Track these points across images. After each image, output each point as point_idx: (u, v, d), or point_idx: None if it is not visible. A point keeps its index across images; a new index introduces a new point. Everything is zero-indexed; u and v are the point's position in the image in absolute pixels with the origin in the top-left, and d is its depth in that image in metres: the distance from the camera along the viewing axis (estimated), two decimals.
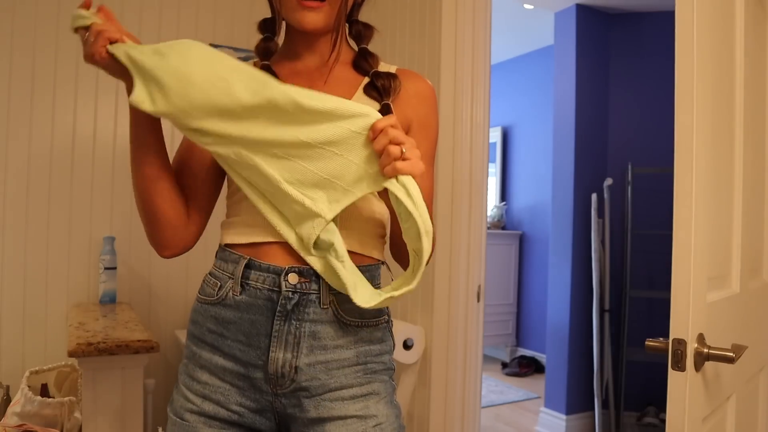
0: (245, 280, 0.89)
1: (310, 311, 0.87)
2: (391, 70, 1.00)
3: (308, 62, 0.99)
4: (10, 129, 2.02)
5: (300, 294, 0.87)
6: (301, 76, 0.97)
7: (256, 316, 0.87)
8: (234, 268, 0.91)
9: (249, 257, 0.89)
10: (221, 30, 2.35)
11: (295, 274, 0.87)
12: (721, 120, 1.08)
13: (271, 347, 0.87)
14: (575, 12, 3.30)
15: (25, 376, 1.75)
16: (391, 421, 0.89)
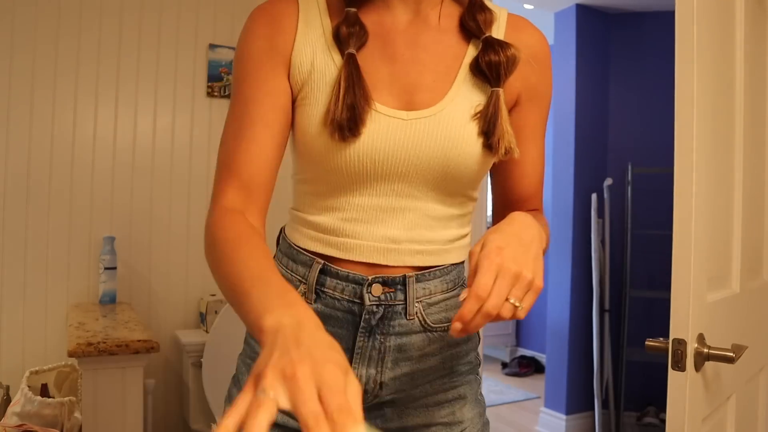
0: (320, 287, 0.78)
1: (395, 324, 0.78)
2: (502, 18, 0.81)
3: (399, 12, 0.78)
4: (10, 129, 2.02)
5: (385, 306, 0.77)
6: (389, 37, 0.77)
7: (335, 329, 0.78)
8: (306, 272, 0.78)
9: (324, 261, 0.77)
10: (221, 30, 2.35)
11: (379, 285, 0.76)
12: (721, 120, 1.08)
13: (353, 363, 0.78)
14: (575, 12, 3.30)
15: (25, 376, 1.75)
16: (476, 422, 0.83)
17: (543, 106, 0.84)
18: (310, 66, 0.75)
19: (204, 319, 2.17)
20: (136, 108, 2.21)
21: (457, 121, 0.74)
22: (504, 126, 0.75)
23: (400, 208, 0.77)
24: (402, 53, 0.76)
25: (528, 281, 0.62)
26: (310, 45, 0.75)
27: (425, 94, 0.75)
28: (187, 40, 2.29)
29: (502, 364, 4.83)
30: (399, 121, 0.73)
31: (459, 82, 0.76)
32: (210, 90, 2.32)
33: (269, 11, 0.77)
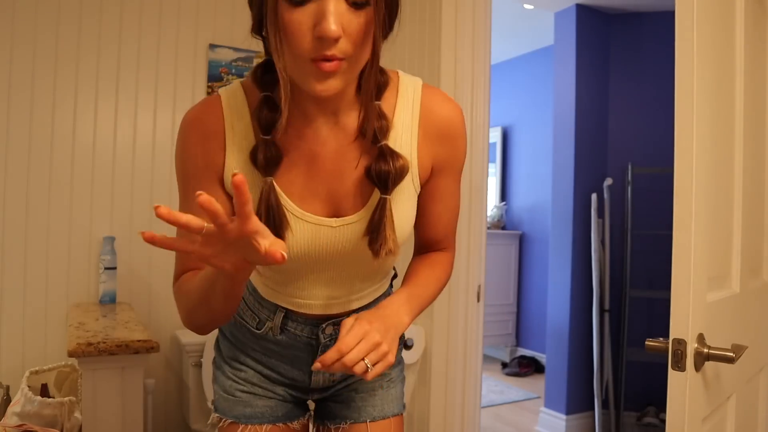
0: (284, 326, 0.97)
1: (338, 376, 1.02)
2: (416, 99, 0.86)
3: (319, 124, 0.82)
4: (10, 129, 2.02)
5: (335, 338, 0.97)
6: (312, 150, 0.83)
7: (297, 353, 0.99)
8: (271, 315, 0.97)
9: (286, 309, 0.96)
10: (221, 30, 2.35)
11: (331, 325, 0.97)
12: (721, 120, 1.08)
13: (313, 373, 1.01)
14: (575, 12, 3.30)
15: (25, 376, 1.75)
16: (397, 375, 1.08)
17: (454, 170, 0.92)
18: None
19: None
20: (136, 108, 2.21)
21: None
22: (387, 232, 0.82)
23: (335, 277, 0.92)
24: (326, 166, 0.84)
25: (384, 352, 0.77)
26: (237, 163, 0.82)
27: (349, 201, 0.85)
28: (187, 40, 2.29)
29: (502, 364, 4.83)
30: (328, 229, 0.85)
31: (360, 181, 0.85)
32: (210, 90, 2.32)
33: (200, 129, 0.83)
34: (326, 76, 0.71)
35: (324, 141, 0.83)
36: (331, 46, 0.69)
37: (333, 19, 0.67)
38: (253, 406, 1.00)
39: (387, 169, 0.80)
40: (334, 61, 0.70)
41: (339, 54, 0.70)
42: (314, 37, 0.69)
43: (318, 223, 0.84)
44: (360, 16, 0.70)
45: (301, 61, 0.71)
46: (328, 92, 0.72)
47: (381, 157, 0.80)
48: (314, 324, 0.97)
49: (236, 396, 1.00)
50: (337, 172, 0.84)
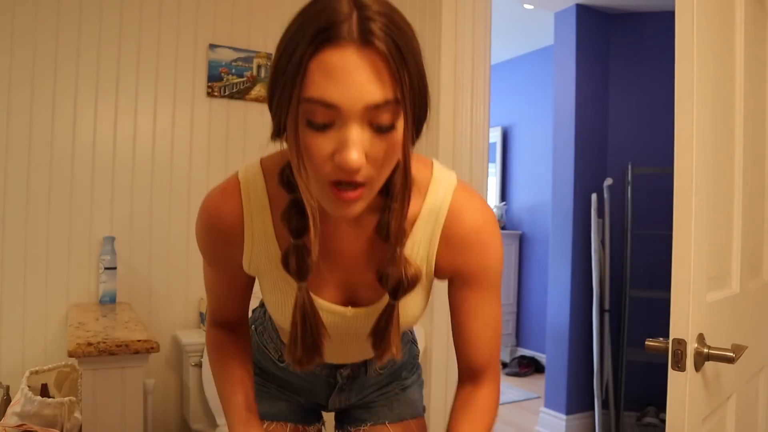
0: None
1: (359, 380, 1.06)
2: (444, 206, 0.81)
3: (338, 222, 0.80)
4: (10, 129, 2.02)
5: (352, 377, 1.04)
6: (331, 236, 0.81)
7: (315, 387, 1.05)
8: None
9: None
10: (221, 30, 2.35)
11: (349, 368, 1.03)
12: (721, 120, 1.08)
13: (330, 401, 1.07)
14: (575, 12, 3.30)
15: (25, 376, 1.74)
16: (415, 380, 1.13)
17: (482, 283, 0.85)
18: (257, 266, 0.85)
19: (204, 319, 2.18)
20: (136, 108, 2.21)
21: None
22: (392, 338, 0.79)
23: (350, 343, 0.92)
24: (345, 260, 0.83)
25: None
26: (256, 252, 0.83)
27: (366, 293, 0.84)
28: (187, 40, 2.29)
29: (502, 364, 4.83)
30: (343, 318, 0.86)
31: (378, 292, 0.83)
32: (210, 90, 2.32)
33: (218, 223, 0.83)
34: (348, 203, 0.68)
35: (343, 237, 0.82)
36: (352, 175, 0.65)
37: (355, 149, 0.63)
38: (273, 406, 1.06)
39: (397, 276, 0.76)
40: (357, 189, 0.67)
41: (361, 179, 0.66)
42: (335, 164, 0.65)
43: (333, 312, 0.85)
44: (385, 140, 0.66)
45: (322, 184, 0.67)
46: (350, 216, 0.70)
47: (391, 262, 0.76)
48: (333, 367, 1.02)
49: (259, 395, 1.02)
50: (353, 266, 0.83)
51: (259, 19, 2.41)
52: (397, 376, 1.10)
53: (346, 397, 1.07)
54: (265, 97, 2.40)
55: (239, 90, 2.36)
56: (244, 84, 2.37)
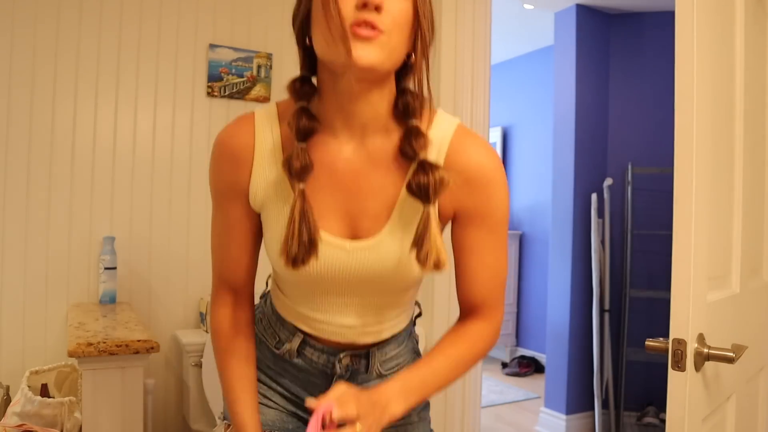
0: (301, 350, 0.96)
1: (359, 378, 0.98)
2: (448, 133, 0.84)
3: (345, 140, 0.83)
4: (10, 129, 2.02)
5: (352, 370, 0.97)
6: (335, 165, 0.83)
7: (312, 378, 0.99)
8: (290, 337, 0.97)
9: (304, 335, 0.95)
10: (221, 30, 2.35)
11: (348, 356, 0.96)
12: (721, 120, 1.08)
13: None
14: (575, 12, 3.30)
15: (25, 376, 1.75)
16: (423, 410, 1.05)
17: (485, 224, 0.86)
18: (264, 196, 0.86)
19: (204, 319, 2.17)
20: (136, 108, 2.21)
21: (393, 248, 0.84)
22: (432, 241, 0.80)
23: (351, 303, 0.91)
24: (347, 184, 0.84)
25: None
26: (264, 178, 0.85)
27: (367, 223, 0.84)
28: (187, 40, 2.29)
29: (502, 364, 4.83)
30: (342, 251, 0.85)
31: (399, 206, 0.83)
32: (210, 90, 2.32)
33: (229, 147, 0.87)
34: (363, 40, 0.72)
35: (347, 158, 0.83)
36: (371, 13, 0.72)
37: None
38: (264, 414, 0.99)
39: (426, 181, 0.78)
40: (374, 30, 0.72)
41: (379, 24, 0.72)
42: (356, 6, 0.72)
43: (333, 244, 0.84)
44: (403, 2, 0.75)
45: (339, 31, 0.72)
46: (363, 59, 0.72)
47: (420, 170, 0.79)
48: (331, 353, 0.96)
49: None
50: (357, 191, 0.84)
51: (259, 19, 2.41)
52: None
53: None
54: (265, 97, 2.40)
55: (239, 90, 2.36)
56: (244, 84, 2.37)
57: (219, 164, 0.88)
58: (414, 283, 0.92)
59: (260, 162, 0.85)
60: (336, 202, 0.84)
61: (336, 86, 0.79)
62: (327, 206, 0.84)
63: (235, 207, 0.89)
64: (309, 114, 0.81)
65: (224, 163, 0.87)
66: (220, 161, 0.88)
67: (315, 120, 0.81)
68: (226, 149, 0.87)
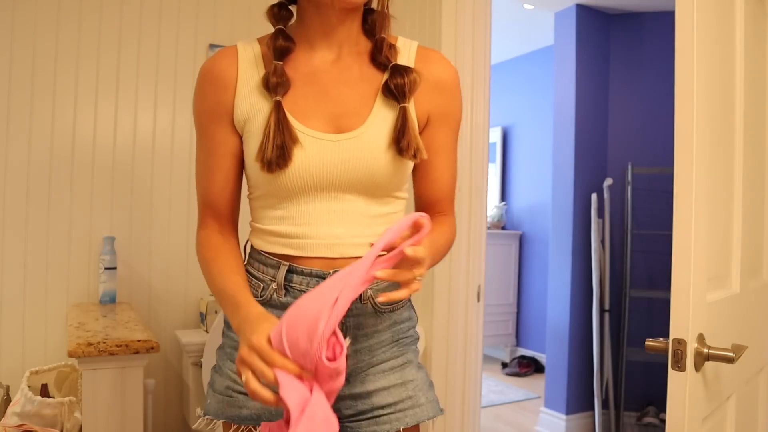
0: (288, 283, 0.94)
1: (352, 307, 0.95)
2: (412, 49, 0.98)
3: (324, 55, 0.95)
4: (10, 129, 2.02)
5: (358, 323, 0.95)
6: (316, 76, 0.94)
7: None
8: (275, 273, 0.95)
9: (289, 263, 0.94)
10: (221, 30, 2.35)
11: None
12: (721, 120, 1.08)
13: None
14: (575, 12, 3.30)
15: (25, 376, 1.75)
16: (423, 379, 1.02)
17: (451, 124, 1.00)
18: (248, 111, 0.92)
19: (204, 318, 2.17)
20: (136, 108, 2.21)
21: (376, 139, 0.91)
22: (411, 133, 0.91)
23: (338, 210, 0.93)
24: (329, 87, 0.94)
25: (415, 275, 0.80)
26: (248, 94, 0.93)
27: (350, 119, 0.92)
28: (187, 40, 2.29)
29: (502, 364, 4.83)
30: (328, 143, 0.90)
31: (377, 106, 0.93)
32: None
33: (213, 71, 0.94)
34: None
35: (326, 69, 0.94)
36: None
37: None
38: (249, 408, 0.96)
39: (402, 81, 0.91)
40: None
41: None
42: None
43: (318, 137, 0.90)
44: None
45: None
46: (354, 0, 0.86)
47: (395, 72, 0.92)
48: (320, 276, 0.93)
49: (231, 396, 0.97)
50: (337, 96, 0.93)
51: (259, 19, 2.41)
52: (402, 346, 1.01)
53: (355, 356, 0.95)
54: None
55: None
56: None
57: (203, 89, 0.95)
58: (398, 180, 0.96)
59: (243, 82, 0.93)
60: (319, 105, 0.92)
61: (317, 13, 0.92)
62: (311, 109, 0.92)
63: (218, 129, 0.94)
64: (285, 35, 0.92)
65: (208, 87, 0.94)
66: (205, 86, 0.94)
67: (291, 40, 0.92)
68: (210, 73, 0.94)
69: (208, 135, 0.96)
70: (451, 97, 0.99)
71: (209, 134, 0.95)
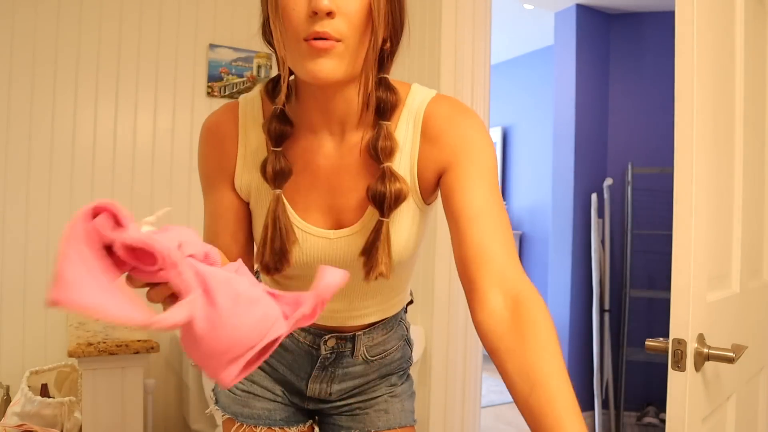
0: None
1: (344, 362, 0.98)
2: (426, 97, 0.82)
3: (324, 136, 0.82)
4: (10, 129, 2.02)
5: (337, 353, 0.97)
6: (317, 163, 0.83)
7: (297, 359, 0.98)
8: None
9: None
10: (221, 30, 2.35)
11: (334, 338, 0.96)
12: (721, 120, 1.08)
13: (310, 381, 0.99)
14: (575, 12, 3.30)
15: (25, 376, 1.75)
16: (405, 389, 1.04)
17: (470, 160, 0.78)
18: (248, 188, 0.86)
19: None
20: (136, 108, 2.21)
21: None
22: (380, 255, 0.79)
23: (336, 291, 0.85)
24: (330, 176, 0.83)
25: None
26: (248, 170, 0.85)
27: (348, 214, 0.84)
28: (187, 40, 2.29)
29: None
30: (326, 240, 0.85)
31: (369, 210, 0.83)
32: (210, 90, 2.32)
33: (215, 133, 0.87)
34: (319, 54, 0.69)
35: (328, 155, 0.83)
36: (323, 23, 0.68)
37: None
38: (250, 407, 0.99)
39: (383, 191, 0.77)
40: (328, 41, 0.69)
41: (333, 33, 0.69)
42: (308, 16, 0.68)
43: (317, 234, 0.84)
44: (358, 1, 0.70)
45: (295, 42, 0.70)
46: (322, 73, 0.70)
47: (380, 179, 0.78)
48: (317, 334, 0.95)
49: (236, 394, 1.00)
50: (338, 187, 0.83)
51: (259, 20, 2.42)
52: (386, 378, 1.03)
53: (328, 381, 0.98)
54: None
55: (239, 90, 2.36)
56: (244, 84, 2.37)
57: (206, 150, 0.88)
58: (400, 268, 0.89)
59: (243, 153, 0.85)
60: (319, 197, 0.84)
61: (310, 87, 0.79)
62: (311, 201, 0.85)
63: (224, 194, 0.87)
64: (283, 117, 0.80)
65: (211, 149, 0.87)
66: (207, 147, 0.88)
67: (288, 123, 0.80)
68: (212, 137, 0.87)
69: (214, 198, 0.89)
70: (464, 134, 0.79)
71: (215, 198, 0.89)
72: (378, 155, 0.78)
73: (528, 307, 0.65)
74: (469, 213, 0.74)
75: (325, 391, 1.00)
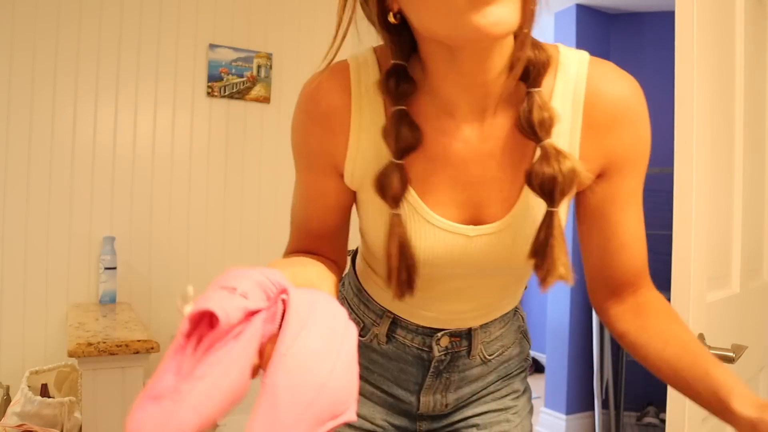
0: (391, 333, 0.82)
1: (459, 364, 0.83)
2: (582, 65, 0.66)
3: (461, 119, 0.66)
4: (10, 129, 2.02)
5: (452, 353, 0.82)
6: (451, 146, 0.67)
7: (406, 366, 0.83)
8: (377, 319, 0.83)
9: (394, 315, 0.81)
10: (221, 30, 2.35)
11: (447, 336, 0.81)
12: (720, 120, 1.08)
13: (422, 393, 0.84)
14: (575, 12, 3.30)
15: (25, 376, 1.75)
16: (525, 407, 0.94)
17: (638, 168, 0.69)
18: (361, 179, 0.69)
19: None
20: (136, 108, 2.21)
21: (518, 237, 0.69)
22: (556, 254, 0.66)
23: (462, 288, 0.76)
24: (468, 167, 0.67)
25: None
26: (362, 155, 0.68)
27: (491, 208, 0.69)
28: (187, 40, 2.29)
29: None
30: (464, 238, 0.69)
31: (527, 191, 0.67)
32: (210, 90, 2.32)
33: (321, 109, 0.68)
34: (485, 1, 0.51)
35: (466, 138, 0.66)
36: None
37: None
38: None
39: (552, 174, 0.61)
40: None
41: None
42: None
43: (453, 231, 0.69)
44: None
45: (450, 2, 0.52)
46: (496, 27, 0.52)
47: (543, 160, 0.62)
48: (427, 333, 0.80)
49: None
50: (479, 175, 0.68)
51: (259, 19, 2.41)
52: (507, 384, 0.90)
53: (443, 390, 0.83)
54: (265, 97, 2.40)
55: (239, 90, 2.36)
56: (244, 84, 2.37)
57: (306, 125, 0.69)
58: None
59: (358, 128, 0.67)
60: (456, 186, 0.68)
61: (453, 61, 0.61)
62: (446, 194, 0.69)
63: (319, 180, 0.72)
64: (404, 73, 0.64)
65: (312, 124, 0.69)
66: (309, 121, 0.69)
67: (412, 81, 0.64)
68: (317, 108, 0.68)
69: (307, 181, 0.74)
70: (634, 131, 0.67)
71: (308, 181, 0.74)
72: (535, 130, 0.62)
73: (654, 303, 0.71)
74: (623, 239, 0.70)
75: (441, 402, 0.85)
